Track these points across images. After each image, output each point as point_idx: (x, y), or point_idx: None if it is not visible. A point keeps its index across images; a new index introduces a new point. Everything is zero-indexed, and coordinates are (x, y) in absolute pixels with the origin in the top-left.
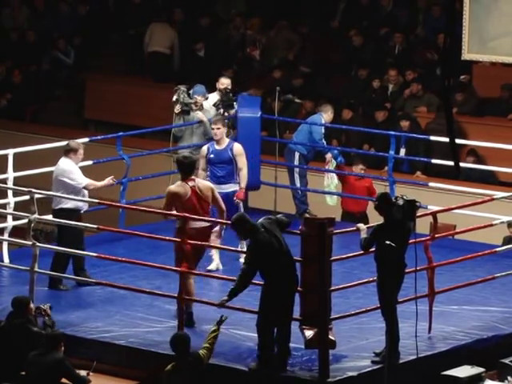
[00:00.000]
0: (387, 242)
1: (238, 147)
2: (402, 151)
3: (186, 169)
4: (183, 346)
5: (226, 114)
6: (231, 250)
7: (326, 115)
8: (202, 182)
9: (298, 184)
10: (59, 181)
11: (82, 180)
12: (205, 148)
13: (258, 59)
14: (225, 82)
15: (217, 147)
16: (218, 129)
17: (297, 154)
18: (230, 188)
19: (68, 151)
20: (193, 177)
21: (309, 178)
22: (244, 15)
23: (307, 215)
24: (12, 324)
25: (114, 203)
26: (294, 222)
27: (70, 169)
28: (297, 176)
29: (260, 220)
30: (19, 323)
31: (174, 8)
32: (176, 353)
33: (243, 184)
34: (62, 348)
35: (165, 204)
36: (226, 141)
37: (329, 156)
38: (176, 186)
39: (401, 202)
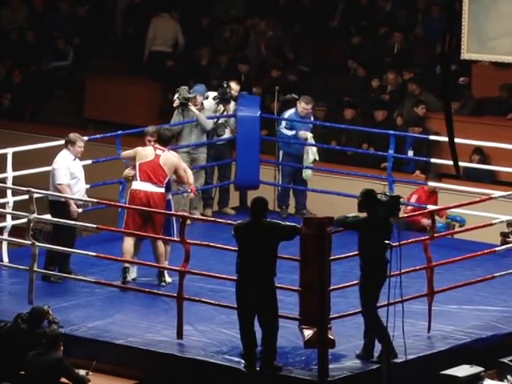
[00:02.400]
0: (386, 242)
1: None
2: (410, 153)
3: (165, 140)
4: None
5: (224, 109)
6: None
7: (299, 105)
8: (170, 156)
9: (280, 182)
10: (51, 170)
11: (60, 180)
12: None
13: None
14: (235, 88)
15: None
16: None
17: (281, 153)
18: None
19: (66, 143)
20: (166, 149)
21: (318, 178)
22: (242, 18)
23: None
24: (19, 328)
25: (113, 203)
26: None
27: (58, 164)
28: (280, 175)
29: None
30: (26, 328)
31: (173, 8)
32: None
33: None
34: (61, 348)
35: (127, 153)
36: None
37: (302, 133)
38: (143, 147)
39: (384, 198)
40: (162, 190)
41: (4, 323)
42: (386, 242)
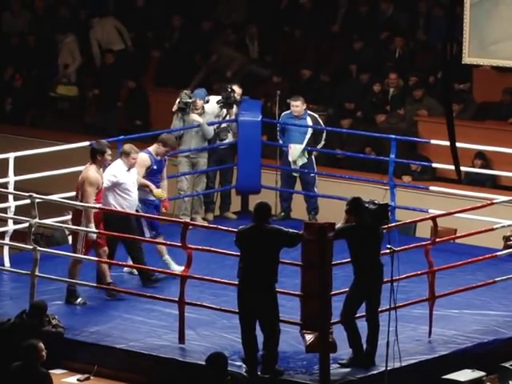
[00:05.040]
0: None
1: (167, 158)
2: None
3: (91, 153)
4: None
5: (227, 113)
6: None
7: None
8: (85, 169)
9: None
10: None
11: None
12: (147, 158)
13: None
14: (238, 91)
15: (157, 158)
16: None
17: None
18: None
19: (121, 153)
20: (90, 163)
21: (318, 183)
22: (243, 23)
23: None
24: (23, 322)
25: (113, 209)
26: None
27: (107, 170)
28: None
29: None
30: (30, 323)
31: (175, 12)
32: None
33: (166, 194)
34: (44, 356)
35: None
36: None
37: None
38: None
39: (372, 206)
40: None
41: (8, 318)
42: (389, 246)
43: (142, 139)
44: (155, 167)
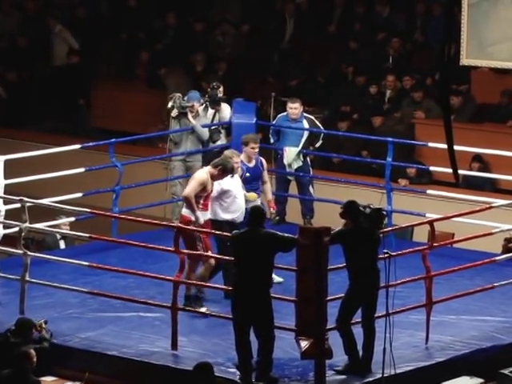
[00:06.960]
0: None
1: (264, 162)
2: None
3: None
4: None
5: (215, 111)
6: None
7: (287, 107)
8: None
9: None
10: None
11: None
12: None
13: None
14: (220, 88)
15: (249, 165)
16: (252, 148)
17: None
18: (259, 201)
19: None
20: (209, 168)
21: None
22: (238, 22)
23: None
24: (8, 341)
25: (105, 213)
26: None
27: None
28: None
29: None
30: (15, 341)
31: (168, 12)
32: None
33: (271, 195)
34: (34, 363)
35: None
36: (254, 157)
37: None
38: None
39: (368, 210)
40: (186, 210)
41: None
42: (385, 251)
43: (134, 142)
44: (248, 174)
